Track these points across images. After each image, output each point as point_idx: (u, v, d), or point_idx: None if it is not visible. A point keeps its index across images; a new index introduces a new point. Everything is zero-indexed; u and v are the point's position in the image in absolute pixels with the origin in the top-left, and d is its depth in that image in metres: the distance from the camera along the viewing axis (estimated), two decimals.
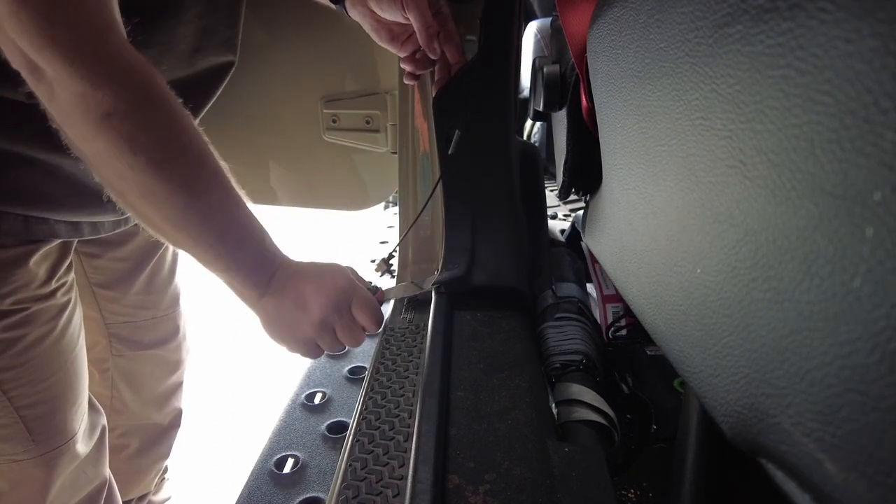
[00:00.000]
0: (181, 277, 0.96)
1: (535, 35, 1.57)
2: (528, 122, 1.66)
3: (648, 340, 0.68)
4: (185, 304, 0.98)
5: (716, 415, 0.31)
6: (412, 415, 0.54)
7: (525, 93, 1.45)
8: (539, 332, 0.72)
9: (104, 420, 0.77)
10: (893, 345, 0.17)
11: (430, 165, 0.96)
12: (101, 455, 0.76)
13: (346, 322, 0.58)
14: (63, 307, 0.66)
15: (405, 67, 0.69)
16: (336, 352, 0.61)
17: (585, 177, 0.69)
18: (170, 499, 1.12)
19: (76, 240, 0.67)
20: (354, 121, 1.10)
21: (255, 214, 0.54)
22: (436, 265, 0.86)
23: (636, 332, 0.78)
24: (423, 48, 0.64)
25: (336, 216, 1.43)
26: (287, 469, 0.64)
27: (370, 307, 0.60)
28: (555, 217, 1.43)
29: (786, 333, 0.24)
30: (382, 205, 1.92)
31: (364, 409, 0.58)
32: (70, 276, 0.68)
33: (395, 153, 1.03)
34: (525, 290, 0.75)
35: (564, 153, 0.71)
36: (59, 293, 0.65)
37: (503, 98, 0.79)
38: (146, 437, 0.99)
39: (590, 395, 0.58)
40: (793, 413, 0.23)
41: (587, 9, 0.53)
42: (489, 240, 0.77)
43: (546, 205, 0.98)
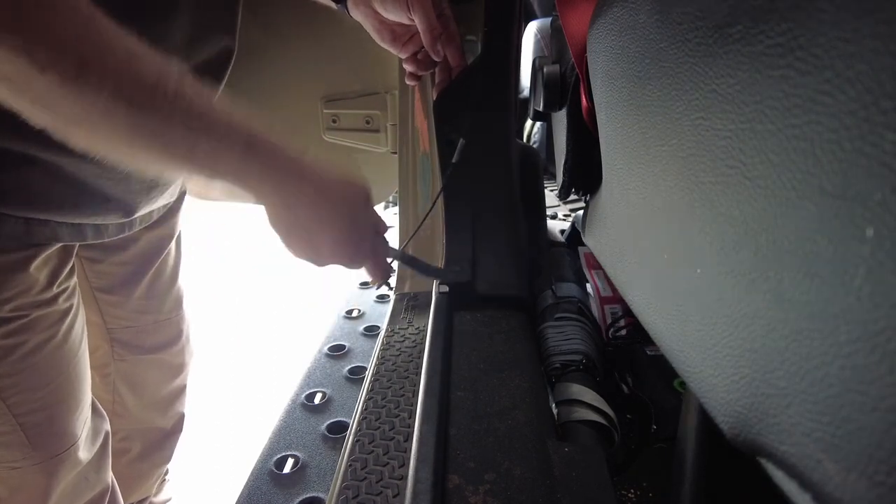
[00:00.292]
0: (184, 280, 0.96)
1: (535, 35, 1.57)
2: (528, 122, 1.66)
3: (648, 340, 0.68)
4: (188, 307, 0.98)
5: (716, 415, 0.31)
6: (412, 415, 0.54)
7: (525, 93, 1.45)
8: (539, 332, 0.72)
9: (107, 425, 0.76)
10: (893, 345, 0.17)
11: (430, 165, 0.96)
12: (104, 461, 0.75)
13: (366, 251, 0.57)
14: (64, 313, 0.65)
15: (407, 68, 0.69)
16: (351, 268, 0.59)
17: (585, 177, 0.69)
18: (170, 500, 1.12)
19: (78, 244, 0.65)
20: (354, 121, 1.10)
21: (240, 116, 0.44)
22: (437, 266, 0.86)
23: (636, 332, 0.78)
24: (427, 50, 0.63)
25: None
26: (287, 469, 0.64)
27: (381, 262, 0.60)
28: (555, 217, 1.43)
29: (786, 333, 0.23)
30: (382, 205, 1.92)
31: (364, 409, 0.58)
32: (72, 282, 0.67)
33: (395, 153, 1.03)
34: (526, 296, 0.75)
35: (564, 153, 0.71)
36: (61, 299, 0.64)
37: (504, 102, 0.79)
38: (148, 442, 0.99)
39: (590, 395, 0.58)
40: (793, 413, 0.23)
41: (587, 9, 0.53)
42: (490, 248, 0.77)
43: (545, 206, 0.99)
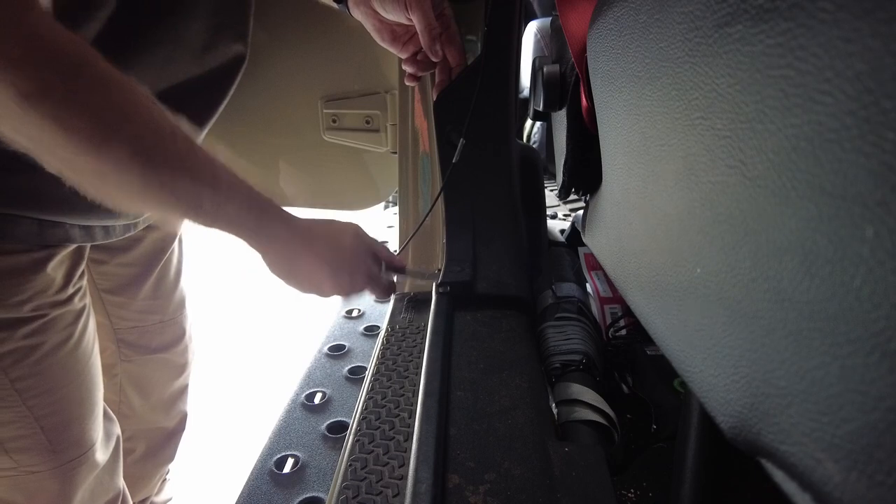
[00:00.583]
0: (187, 280, 0.96)
1: (535, 35, 1.56)
2: (528, 122, 1.66)
3: (648, 340, 0.68)
4: (191, 307, 0.98)
5: (716, 415, 0.31)
6: (412, 415, 0.54)
7: (525, 93, 1.45)
8: (539, 332, 0.72)
9: (118, 429, 0.76)
10: (893, 345, 0.17)
11: (430, 165, 0.95)
12: (117, 464, 0.75)
13: (366, 273, 0.61)
14: (80, 313, 0.65)
15: (406, 69, 0.69)
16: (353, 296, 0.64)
17: (585, 177, 0.69)
18: (171, 499, 1.12)
19: (89, 245, 0.65)
20: (354, 121, 1.10)
21: (239, 177, 0.50)
22: (436, 266, 0.86)
23: (636, 332, 0.78)
24: (425, 50, 0.63)
25: (335, 216, 1.43)
26: (287, 469, 0.64)
27: (379, 278, 0.63)
28: (555, 217, 1.43)
29: (786, 333, 0.23)
30: (382, 205, 1.92)
31: (364, 409, 0.58)
32: (84, 282, 0.67)
33: (395, 153, 1.03)
34: (526, 296, 0.75)
35: (564, 153, 0.71)
36: (76, 298, 0.64)
37: (504, 103, 0.79)
38: (152, 441, 0.99)
39: (590, 395, 0.58)
40: (793, 413, 0.23)
41: (587, 9, 0.53)
42: (490, 248, 0.77)
43: (545, 206, 0.99)
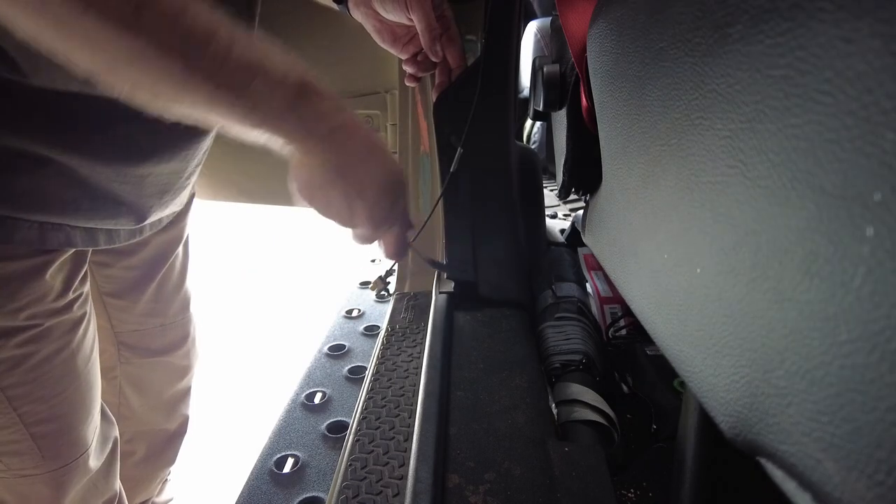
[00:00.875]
0: (191, 283, 0.95)
1: (535, 35, 1.56)
2: (528, 122, 1.66)
3: (648, 340, 0.68)
4: (195, 310, 0.97)
5: (716, 415, 0.31)
6: (412, 415, 0.54)
7: (525, 93, 1.45)
8: (539, 332, 0.72)
9: (116, 431, 0.75)
10: (893, 345, 0.17)
11: (430, 165, 0.96)
12: (113, 467, 0.74)
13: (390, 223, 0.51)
14: (78, 321, 0.64)
15: (407, 69, 0.68)
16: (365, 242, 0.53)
17: (585, 177, 0.69)
18: (171, 500, 1.12)
19: (90, 249, 0.64)
20: None
21: (289, 55, 0.42)
22: (434, 275, 0.85)
23: (636, 332, 0.78)
24: (426, 50, 0.63)
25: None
26: (287, 469, 0.64)
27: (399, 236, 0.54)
28: (555, 217, 1.43)
29: (786, 333, 0.23)
30: None
31: (364, 409, 0.58)
32: (85, 288, 0.65)
33: (395, 153, 1.03)
34: (526, 296, 0.75)
35: (564, 153, 0.71)
36: (75, 306, 0.63)
37: (503, 105, 0.78)
38: (153, 444, 0.98)
39: (590, 395, 0.58)
40: (793, 413, 0.23)
41: (587, 9, 0.53)
42: (490, 249, 0.76)
43: (544, 207, 0.99)
